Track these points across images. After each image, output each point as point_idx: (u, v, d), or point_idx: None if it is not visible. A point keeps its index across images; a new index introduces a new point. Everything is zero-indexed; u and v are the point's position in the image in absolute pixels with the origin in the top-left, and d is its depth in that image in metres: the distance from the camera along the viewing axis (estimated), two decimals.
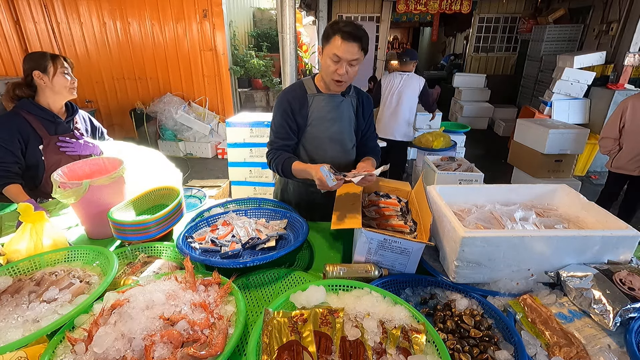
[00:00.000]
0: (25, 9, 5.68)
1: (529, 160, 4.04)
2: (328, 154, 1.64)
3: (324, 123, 1.59)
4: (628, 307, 0.90)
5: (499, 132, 7.05)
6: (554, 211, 1.35)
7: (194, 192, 2.07)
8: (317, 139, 1.62)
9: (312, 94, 1.57)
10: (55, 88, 1.70)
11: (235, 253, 1.25)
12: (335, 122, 1.60)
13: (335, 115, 1.60)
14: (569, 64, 5.21)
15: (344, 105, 1.61)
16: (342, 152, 1.67)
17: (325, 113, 1.59)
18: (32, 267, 1.18)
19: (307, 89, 1.58)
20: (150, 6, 5.57)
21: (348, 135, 1.67)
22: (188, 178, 4.89)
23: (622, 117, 2.91)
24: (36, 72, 1.64)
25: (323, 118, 1.59)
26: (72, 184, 1.36)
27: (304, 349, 0.80)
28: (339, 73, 1.42)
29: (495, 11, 8.08)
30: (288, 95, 1.58)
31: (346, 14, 8.32)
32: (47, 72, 1.66)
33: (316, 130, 1.60)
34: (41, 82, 1.67)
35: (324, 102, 1.58)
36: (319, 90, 1.58)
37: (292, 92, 1.59)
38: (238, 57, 5.91)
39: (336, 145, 1.64)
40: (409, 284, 1.13)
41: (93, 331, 0.83)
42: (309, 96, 1.57)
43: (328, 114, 1.59)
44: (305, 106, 1.57)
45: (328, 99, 1.58)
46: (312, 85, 1.59)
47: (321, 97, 1.58)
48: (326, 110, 1.58)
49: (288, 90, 1.61)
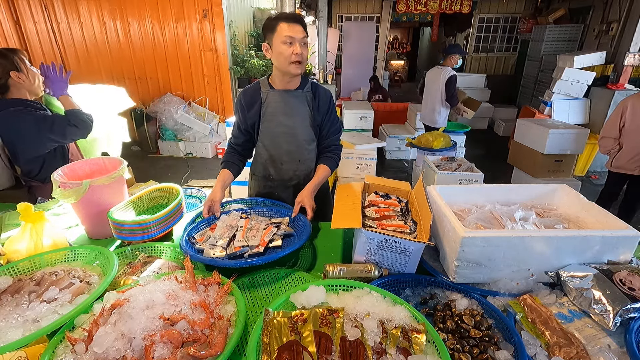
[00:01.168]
0: (25, 9, 5.68)
1: (529, 160, 4.04)
2: (283, 148, 1.68)
3: (278, 117, 1.64)
4: (628, 307, 0.90)
5: (499, 132, 7.05)
6: (554, 211, 1.35)
7: (194, 192, 2.07)
8: (272, 133, 1.67)
9: (265, 90, 1.63)
10: (32, 82, 1.71)
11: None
12: (288, 116, 1.64)
13: (289, 109, 1.64)
14: (569, 64, 5.21)
15: (298, 99, 1.64)
16: (297, 146, 1.70)
17: (279, 108, 1.63)
18: (32, 267, 1.18)
19: (262, 87, 1.64)
20: (150, 6, 5.57)
21: (303, 129, 1.68)
22: (188, 178, 4.89)
23: (622, 116, 2.91)
24: (13, 72, 1.64)
25: (276, 113, 1.63)
26: (72, 184, 1.36)
27: (304, 349, 0.80)
28: (296, 53, 1.47)
29: (495, 11, 8.08)
30: (241, 95, 1.67)
31: (346, 14, 8.32)
32: (21, 69, 1.66)
33: (270, 125, 1.65)
34: (19, 81, 1.66)
35: (277, 97, 1.62)
36: (272, 87, 1.63)
37: (245, 92, 1.67)
38: (238, 57, 5.90)
39: (291, 138, 1.68)
40: (409, 284, 1.13)
41: (93, 331, 0.83)
42: (262, 93, 1.63)
43: (281, 109, 1.63)
44: (258, 103, 1.64)
45: (282, 94, 1.62)
46: (266, 83, 1.65)
47: (275, 92, 1.62)
48: (280, 106, 1.63)
49: (243, 91, 1.69)
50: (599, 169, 4.99)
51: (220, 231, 1.36)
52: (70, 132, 1.73)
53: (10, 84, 1.66)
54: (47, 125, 1.69)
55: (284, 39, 1.45)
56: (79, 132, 1.75)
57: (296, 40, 1.46)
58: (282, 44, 1.46)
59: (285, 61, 1.49)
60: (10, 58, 1.64)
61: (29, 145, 1.72)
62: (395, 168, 5.46)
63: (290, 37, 1.44)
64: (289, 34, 1.44)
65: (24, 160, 1.77)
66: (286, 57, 1.48)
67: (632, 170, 2.93)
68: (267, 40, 1.52)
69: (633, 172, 2.93)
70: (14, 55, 1.65)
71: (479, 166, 2.70)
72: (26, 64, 1.69)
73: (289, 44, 1.46)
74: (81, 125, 1.74)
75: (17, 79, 1.65)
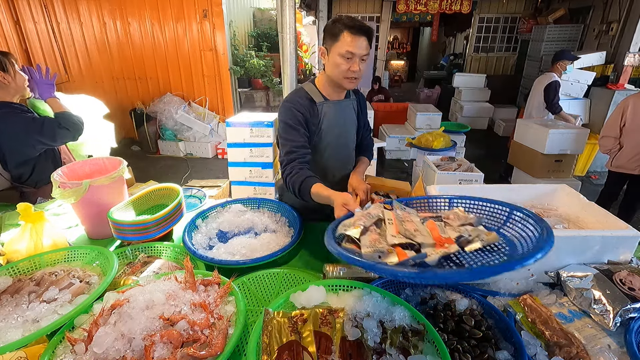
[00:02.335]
0: (25, 9, 5.68)
1: (529, 160, 4.04)
2: (336, 159, 1.60)
3: (333, 130, 1.52)
4: (628, 307, 0.90)
5: (499, 132, 7.05)
6: (554, 211, 1.35)
7: (194, 192, 2.07)
8: (328, 146, 1.54)
9: (320, 102, 1.48)
10: (18, 85, 1.70)
11: None
12: (342, 128, 1.56)
13: (342, 121, 1.55)
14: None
15: (347, 109, 1.57)
16: (347, 155, 1.64)
17: (334, 121, 1.51)
18: (32, 267, 1.18)
19: (314, 97, 1.47)
20: (150, 6, 5.57)
21: (352, 138, 1.64)
22: (188, 178, 4.89)
23: (623, 115, 2.92)
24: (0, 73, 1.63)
25: (332, 126, 1.51)
26: (72, 184, 1.36)
27: (304, 349, 0.80)
28: (353, 70, 1.35)
29: (495, 11, 8.08)
30: (296, 105, 1.43)
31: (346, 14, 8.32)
32: (8, 71, 1.65)
33: (326, 138, 1.52)
34: (5, 82, 1.65)
35: (332, 109, 1.50)
36: (325, 97, 1.49)
37: (300, 102, 1.44)
38: (238, 57, 5.91)
39: (343, 150, 1.61)
40: (409, 284, 1.13)
41: (93, 331, 0.83)
42: (317, 105, 1.47)
43: (336, 122, 1.52)
44: (316, 116, 1.47)
45: (335, 105, 1.51)
46: (316, 92, 1.48)
47: (329, 104, 1.49)
48: (335, 118, 1.51)
49: (294, 100, 1.45)
50: (599, 169, 4.99)
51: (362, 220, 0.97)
52: (60, 134, 1.71)
53: None
54: (37, 127, 1.67)
55: (343, 53, 1.31)
56: (69, 134, 1.73)
57: (356, 56, 1.32)
58: (340, 57, 1.33)
59: (339, 75, 1.38)
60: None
61: (18, 148, 1.69)
62: (395, 168, 5.46)
63: (351, 52, 1.31)
64: (351, 49, 1.30)
65: (13, 164, 1.74)
66: (342, 71, 1.36)
67: (633, 170, 2.93)
68: (326, 44, 1.38)
69: (633, 171, 2.93)
70: (3, 57, 1.64)
71: (479, 166, 2.69)
72: (15, 67, 1.68)
73: (347, 59, 1.33)
74: (72, 127, 1.73)
75: (2, 80, 1.63)
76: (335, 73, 1.38)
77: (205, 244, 1.40)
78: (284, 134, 1.43)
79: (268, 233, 1.47)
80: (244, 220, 1.51)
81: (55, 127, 1.69)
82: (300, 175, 1.32)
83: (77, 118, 1.77)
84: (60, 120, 1.71)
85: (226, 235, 1.48)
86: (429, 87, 9.80)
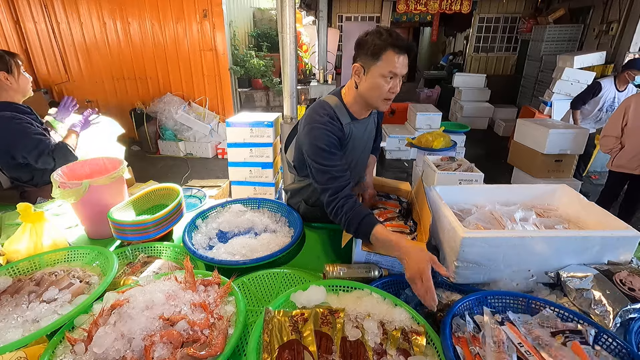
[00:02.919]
0: (25, 8, 5.68)
1: (529, 160, 4.03)
2: (355, 173, 1.49)
3: (358, 148, 1.43)
4: (628, 307, 0.90)
5: (499, 132, 7.05)
6: (554, 211, 1.35)
7: (194, 192, 2.07)
8: (351, 163, 1.43)
9: (347, 123, 1.33)
10: (21, 87, 1.70)
11: None
12: (365, 143, 1.48)
13: (365, 137, 1.46)
14: (569, 64, 5.21)
15: (370, 124, 1.46)
16: (362, 168, 1.57)
17: (358, 140, 1.40)
18: (32, 267, 1.18)
19: (341, 117, 1.31)
20: (150, 6, 5.57)
21: (370, 150, 1.58)
22: (188, 178, 4.89)
23: (625, 115, 2.92)
24: (3, 74, 1.62)
25: (357, 145, 1.41)
26: (72, 184, 1.36)
27: (304, 349, 0.80)
28: (393, 91, 1.22)
29: (495, 11, 8.07)
30: (332, 129, 1.26)
31: (346, 14, 8.31)
32: (13, 73, 1.65)
33: (349, 156, 1.40)
34: (7, 83, 1.64)
35: (358, 128, 1.38)
36: (353, 117, 1.35)
37: (334, 125, 1.28)
38: (238, 57, 5.90)
39: (362, 163, 1.55)
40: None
41: (93, 331, 0.83)
42: (345, 126, 1.32)
43: (360, 139, 1.42)
44: (344, 137, 1.33)
45: (361, 125, 1.39)
46: (344, 112, 1.33)
47: (356, 124, 1.36)
48: (360, 136, 1.41)
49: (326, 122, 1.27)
50: (599, 169, 4.99)
51: None
52: (44, 161, 1.66)
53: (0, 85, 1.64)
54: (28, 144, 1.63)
55: (386, 74, 1.17)
56: (52, 164, 1.67)
57: (398, 76, 1.20)
58: (382, 77, 1.18)
59: (377, 97, 1.24)
60: (4, 59, 1.62)
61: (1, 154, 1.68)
62: (395, 168, 5.45)
63: (395, 73, 1.18)
64: (395, 70, 1.17)
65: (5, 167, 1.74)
66: (382, 93, 1.22)
67: (634, 170, 2.93)
68: (362, 61, 1.21)
69: (634, 171, 2.93)
70: (10, 58, 1.64)
71: (479, 166, 2.69)
72: (20, 68, 1.68)
73: (389, 79, 1.19)
74: (60, 159, 1.67)
75: (4, 80, 1.62)
76: (374, 95, 1.24)
77: (205, 244, 1.40)
78: (322, 160, 1.25)
79: (268, 233, 1.47)
80: (244, 221, 1.51)
81: (45, 152, 1.64)
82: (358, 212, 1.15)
83: (71, 155, 1.72)
84: (56, 148, 1.67)
85: (226, 235, 1.48)
86: (429, 87, 9.79)
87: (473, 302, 0.95)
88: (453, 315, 0.88)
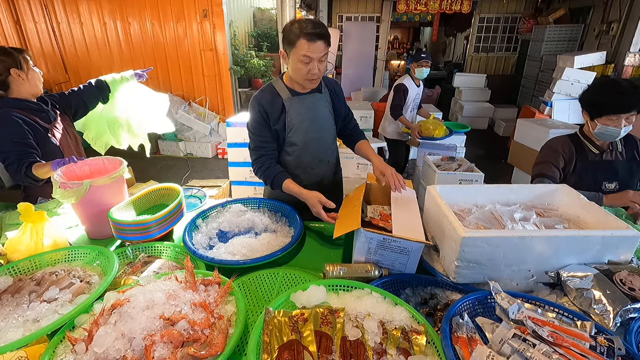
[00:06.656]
0: (26, 8, 5.68)
1: (529, 160, 4.03)
2: (312, 154, 1.65)
3: (304, 125, 1.57)
4: (628, 307, 0.90)
5: (499, 132, 7.05)
6: (554, 211, 1.35)
7: (194, 192, 2.07)
8: (301, 142, 1.60)
9: (287, 98, 1.53)
10: (32, 82, 1.70)
11: None
12: (315, 121, 1.59)
13: (314, 114, 1.58)
14: (569, 64, 5.20)
15: (320, 102, 1.60)
16: (325, 148, 1.68)
17: (304, 115, 1.56)
18: (33, 267, 1.18)
19: (280, 92, 1.53)
20: (150, 6, 5.57)
21: (329, 131, 1.67)
22: (188, 178, 4.89)
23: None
24: (14, 70, 1.63)
25: (303, 120, 1.56)
26: (73, 184, 1.36)
27: (304, 349, 0.80)
28: (312, 72, 1.42)
29: (496, 11, 8.07)
30: (262, 101, 1.52)
31: (346, 14, 8.31)
32: (23, 68, 1.66)
33: (298, 133, 1.57)
34: (18, 79, 1.65)
35: (300, 104, 1.54)
36: (293, 93, 1.54)
37: (263, 99, 1.53)
38: (238, 57, 5.90)
39: (319, 143, 1.65)
40: (409, 284, 1.13)
41: (93, 331, 0.83)
42: (285, 102, 1.53)
43: (307, 116, 1.56)
44: (283, 113, 1.53)
45: (303, 100, 1.55)
46: (284, 88, 1.54)
47: (296, 99, 1.54)
48: (304, 112, 1.55)
49: (259, 98, 1.54)
50: None
51: None
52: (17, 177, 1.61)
53: (10, 81, 1.65)
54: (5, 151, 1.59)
55: (301, 58, 1.38)
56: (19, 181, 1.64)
57: (314, 59, 1.38)
58: (299, 62, 1.39)
59: (301, 77, 1.45)
60: (13, 56, 1.63)
61: None
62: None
63: (308, 57, 1.37)
64: (307, 54, 1.36)
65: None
66: (302, 75, 1.43)
67: None
68: (285, 48, 1.44)
69: None
70: (18, 54, 1.65)
71: (479, 166, 2.69)
72: (29, 63, 1.69)
73: (305, 63, 1.39)
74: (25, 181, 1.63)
75: (17, 77, 1.64)
76: (297, 76, 1.46)
77: (205, 243, 1.40)
78: (252, 129, 1.57)
79: (268, 233, 1.47)
80: (244, 220, 1.52)
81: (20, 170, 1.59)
82: (272, 172, 1.53)
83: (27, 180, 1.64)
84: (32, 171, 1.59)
85: (226, 235, 1.48)
86: (429, 87, 9.79)
87: (473, 302, 0.95)
88: (453, 315, 0.88)
